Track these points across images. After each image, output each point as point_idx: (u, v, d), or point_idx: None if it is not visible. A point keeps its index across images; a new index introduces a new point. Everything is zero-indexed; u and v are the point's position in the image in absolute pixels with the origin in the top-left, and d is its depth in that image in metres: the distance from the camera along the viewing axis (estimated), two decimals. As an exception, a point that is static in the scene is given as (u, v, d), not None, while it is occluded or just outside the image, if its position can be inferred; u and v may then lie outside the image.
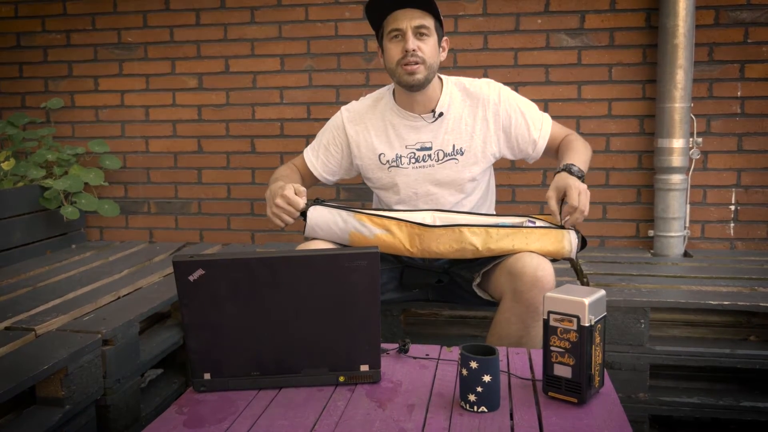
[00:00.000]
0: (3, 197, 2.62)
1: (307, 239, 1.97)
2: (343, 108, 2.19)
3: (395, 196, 2.08)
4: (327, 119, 2.94)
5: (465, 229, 1.83)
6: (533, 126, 2.04)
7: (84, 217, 3.11)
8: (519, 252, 1.82)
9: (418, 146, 2.02)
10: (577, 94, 2.78)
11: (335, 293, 1.40)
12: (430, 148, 2.02)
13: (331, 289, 1.40)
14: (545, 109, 2.76)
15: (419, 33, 1.91)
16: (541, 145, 2.05)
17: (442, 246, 1.84)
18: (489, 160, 2.06)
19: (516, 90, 2.76)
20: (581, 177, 1.85)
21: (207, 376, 1.43)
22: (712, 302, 2.02)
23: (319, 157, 2.18)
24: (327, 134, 2.17)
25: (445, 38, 2.02)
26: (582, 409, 1.31)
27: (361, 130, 2.10)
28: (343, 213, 1.90)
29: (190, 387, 1.46)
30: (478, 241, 1.82)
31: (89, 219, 3.18)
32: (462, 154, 2.01)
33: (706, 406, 2.04)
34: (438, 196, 2.04)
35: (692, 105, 2.63)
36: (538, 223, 1.86)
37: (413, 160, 2.02)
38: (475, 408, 1.29)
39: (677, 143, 2.59)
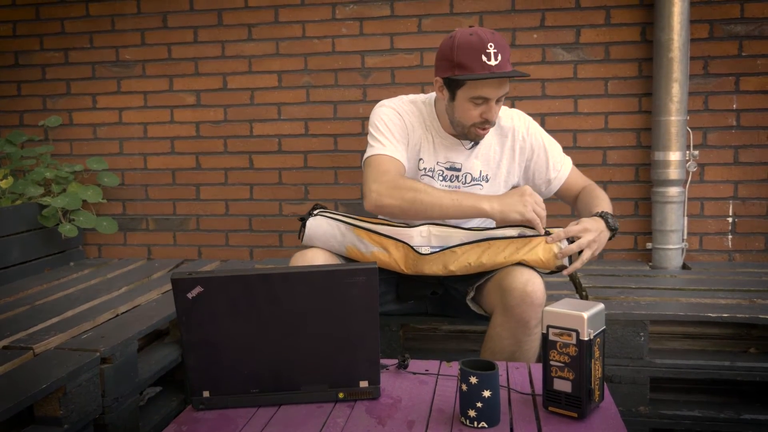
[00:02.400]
0: (1, 215, 2.62)
1: (305, 246, 1.97)
2: (385, 103, 2.03)
3: None
4: (325, 135, 2.98)
5: (457, 249, 1.83)
6: (553, 167, 2.05)
7: (82, 234, 3.11)
8: (511, 262, 1.82)
9: (448, 165, 1.99)
10: (574, 108, 2.79)
11: (334, 309, 1.40)
12: (459, 170, 2.00)
13: (329, 305, 1.40)
14: (542, 123, 2.79)
15: (499, 100, 1.88)
16: (555, 186, 2.06)
17: (435, 267, 1.85)
18: (508, 188, 2.07)
19: (513, 104, 2.80)
20: (615, 230, 1.86)
21: (206, 393, 1.43)
22: (711, 315, 2.02)
23: (402, 151, 1.97)
24: (396, 129, 1.97)
25: None
26: (582, 424, 1.30)
27: (417, 129, 1.99)
28: (342, 226, 1.91)
29: (189, 405, 1.46)
30: (471, 258, 1.82)
31: (87, 236, 3.18)
32: (487, 181, 2.01)
33: (706, 419, 2.04)
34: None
35: (688, 118, 2.65)
36: (528, 233, 1.85)
37: (442, 178, 2.00)
38: (476, 423, 1.29)
39: (674, 156, 2.60)
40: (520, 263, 1.83)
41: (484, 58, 1.77)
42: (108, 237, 3.16)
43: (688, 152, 2.67)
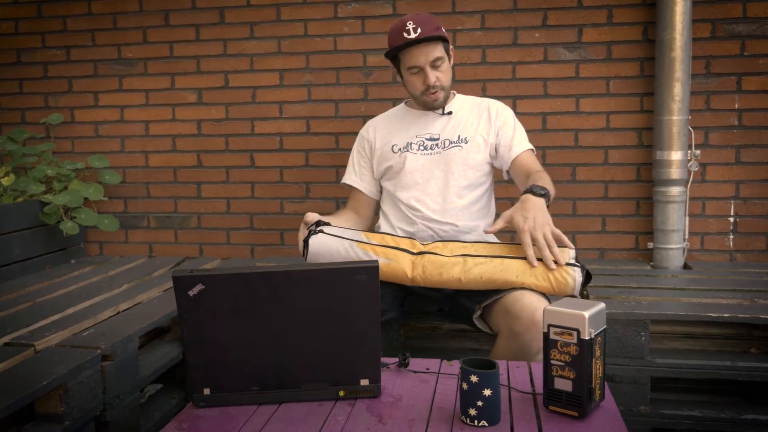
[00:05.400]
0: (3, 213, 2.63)
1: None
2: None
3: (403, 180, 2.16)
4: (326, 133, 3.00)
5: (469, 259, 1.83)
6: (515, 139, 2.15)
7: (84, 232, 3.12)
8: (521, 284, 1.80)
9: (427, 136, 2.17)
10: (576, 107, 2.79)
11: (335, 307, 1.40)
12: (437, 139, 2.16)
13: (331, 303, 1.40)
14: (544, 122, 2.80)
15: (434, 65, 2.06)
16: (515, 152, 2.13)
17: (445, 276, 1.84)
18: (490, 154, 2.16)
19: (514, 103, 2.80)
20: (543, 195, 1.86)
21: (207, 391, 1.43)
22: (712, 314, 2.02)
23: (356, 171, 2.31)
24: (354, 152, 2.34)
25: (451, 47, 2.15)
26: (583, 423, 1.30)
27: (379, 130, 2.27)
28: (346, 242, 1.90)
29: (189, 402, 1.46)
30: (484, 271, 1.81)
31: (89, 234, 3.18)
32: (466, 142, 2.14)
33: (707, 419, 2.04)
34: (442, 180, 2.11)
35: (690, 117, 2.65)
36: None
37: (422, 147, 2.16)
38: (476, 422, 1.29)
39: (675, 156, 2.60)
40: (529, 288, 1.82)
41: (404, 34, 2.02)
42: (109, 235, 3.16)
43: (689, 152, 2.67)
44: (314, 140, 2.98)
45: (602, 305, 1.34)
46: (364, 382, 1.44)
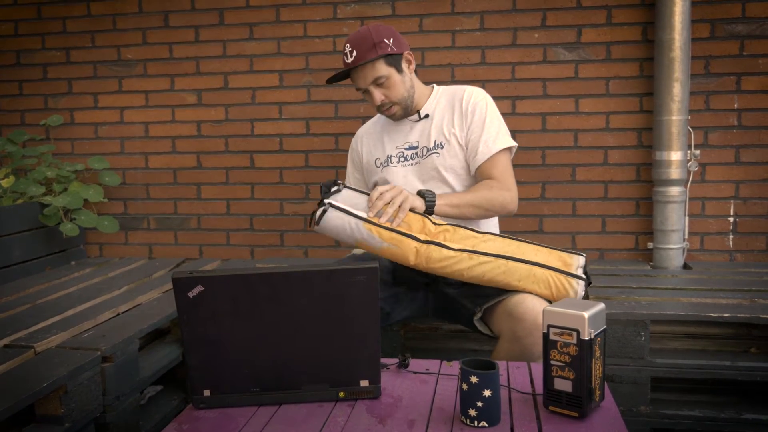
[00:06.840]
0: (2, 214, 2.63)
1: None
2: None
3: None
4: (325, 134, 2.99)
5: (474, 256, 1.82)
6: (482, 142, 2.03)
7: (83, 233, 3.12)
8: (522, 288, 1.81)
9: (406, 146, 2.14)
10: (575, 108, 2.79)
11: (335, 308, 1.40)
12: (416, 147, 2.13)
13: (330, 305, 1.40)
14: (543, 123, 2.79)
15: (378, 84, 2.03)
16: (479, 160, 2.03)
17: (448, 270, 1.83)
18: (462, 149, 2.07)
19: (514, 104, 2.80)
20: (431, 202, 1.92)
21: (207, 392, 1.43)
22: (712, 314, 2.02)
23: (351, 184, 2.28)
24: (348, 163, 2.35)
25: (407, 52, 2.07)
26: (583, 423, 1.30)
27: (365, 143, 2.27)
28: (352, 222, 1.88)
29: (189, 404, 1.46)
30: (487, 270, 1.81)
31: (89, 235, 3.18)
32: (442, 147, 2.09)
33: (707, 419, 2.04)
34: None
35: (689, 117, 2.65)
36: (551, 264, 1.84)
37: (402, 159, 2.14)
38: (476, 423, 1.29)
39: (675, 156, 2.60)
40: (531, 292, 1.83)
41: (344, 58, 2.04)
42: (109, 236, 3.16)
43: (689, 152, 2.67)
44: (314, 141, 2.98)
45: (602, 305, 1.34)
46: (364, 383, 1.44)
